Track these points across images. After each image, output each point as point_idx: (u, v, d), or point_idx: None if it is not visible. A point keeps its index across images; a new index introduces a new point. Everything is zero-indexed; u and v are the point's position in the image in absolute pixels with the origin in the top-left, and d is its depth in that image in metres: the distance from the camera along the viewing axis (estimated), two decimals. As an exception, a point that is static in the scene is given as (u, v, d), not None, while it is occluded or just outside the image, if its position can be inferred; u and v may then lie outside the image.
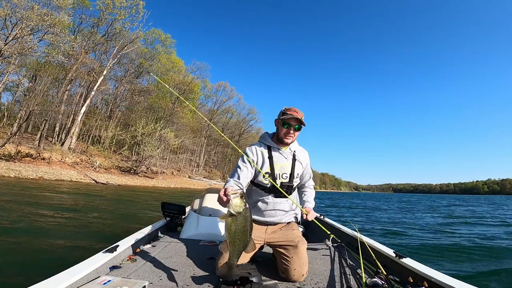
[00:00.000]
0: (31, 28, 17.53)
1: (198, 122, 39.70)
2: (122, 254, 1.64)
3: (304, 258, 1.51)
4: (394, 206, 17.53)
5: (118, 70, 30.17)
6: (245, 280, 1.26)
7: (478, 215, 11.81)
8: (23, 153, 16.14)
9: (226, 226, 1.19)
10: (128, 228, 4.30)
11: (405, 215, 11.11)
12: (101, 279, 1.27)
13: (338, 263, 1.78)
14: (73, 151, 20.01)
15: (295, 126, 1.68)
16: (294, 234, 1.65)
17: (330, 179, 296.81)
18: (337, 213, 11.86)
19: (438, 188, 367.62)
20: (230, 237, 1.19)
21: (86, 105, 21.52)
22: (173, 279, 1.40)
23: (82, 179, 15.95)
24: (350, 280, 1.44)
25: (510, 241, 5.40)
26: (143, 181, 22.38)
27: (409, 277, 1.42)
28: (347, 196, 52.54)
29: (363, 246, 1.96)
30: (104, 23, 25.86)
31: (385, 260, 1.74)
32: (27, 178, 13.48)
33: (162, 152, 26.84)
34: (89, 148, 23.13)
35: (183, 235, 2.38)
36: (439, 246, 4.66)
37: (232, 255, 1.22)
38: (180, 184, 27.15)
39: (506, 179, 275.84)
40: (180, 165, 36.48)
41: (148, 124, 23.79)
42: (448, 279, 1.28)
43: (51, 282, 1.10)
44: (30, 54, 18.95)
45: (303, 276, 1.48)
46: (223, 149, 47.27)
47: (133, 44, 26.92)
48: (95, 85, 22.27)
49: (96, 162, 19.54)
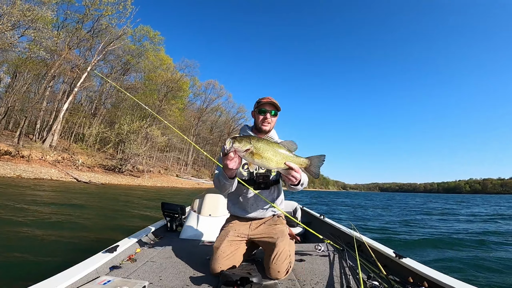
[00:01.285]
0: (12, 24, 17.03)
1: (186, 120, 39.46)
2: (122, 254, 1.65)
3: (283, 254, 1.45)
4: (377, 204, 18.29)
5: (104, 67, 29.71)
6: (245, 280, 1.26)
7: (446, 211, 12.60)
8: (1, 150, 15.71)
9: (262, 161, 1.22)
10: (108, 228, 4.30)
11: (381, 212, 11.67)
12: (101, 279, 1.27)
13: (338, 263, 1.76)
14: (54, 148, 19.57)
15: (271, 112, 1.69)
16: (276, 229, 1.64)
17: (319, 178, 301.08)
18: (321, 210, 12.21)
19: (422, 187, 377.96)
20: (274, 158, 1.23)
21: (69, 101, 21.06)
22: (173, 279, 1.40)
23: (63, 177, 15.66)
24: (350, 280, 1.43)
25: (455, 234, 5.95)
26: (129, 179, 22.11)
27: (409, 277, 1.40)
28: (334, 195, 53.53)
29: (363, 246, 1.97)
30: (90, 19, 25.34)
31: (385, 260, 1.73)
32: (4, 176, 13.17)
33: (148, 151, 26.59)
34: (72, 146, 22.66)
35: (183, 235, 2.38)
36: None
37: (292, 159, 1.29)
38: (167, 183, 26.99)
39: (487, 179, 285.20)
40: (167, 164, 36.20)
41: (133, 122, 23.49)
42: (448, 279, 1.28)
43: (51, 282, 1.11)
44: (11, 50, 18.39)
45: (279, 273, 1.43)
46: (212, 147, 47.15)
47: (120, 40, 26.50)
48: (78, 81, 21.83)
49: (78, 160, 19.19)
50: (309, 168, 1.34)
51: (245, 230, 1.68)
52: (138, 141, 23.10)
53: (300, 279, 1.48)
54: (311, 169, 1.34)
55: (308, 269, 1.63)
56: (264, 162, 1.21)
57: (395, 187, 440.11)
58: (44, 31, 18.56)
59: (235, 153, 1.21)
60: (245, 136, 1.22)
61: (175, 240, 2.28)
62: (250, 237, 1.66)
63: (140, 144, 23.45)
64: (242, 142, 1.18)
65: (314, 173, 1.33)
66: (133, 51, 31.22)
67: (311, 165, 1.33)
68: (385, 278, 1.42)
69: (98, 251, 1.58)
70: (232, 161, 1.26)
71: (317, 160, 1.33)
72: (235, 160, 1.26)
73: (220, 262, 1.47)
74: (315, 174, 1.33)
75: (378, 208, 14.91)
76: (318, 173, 1.32)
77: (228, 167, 1.28)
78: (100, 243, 2.96)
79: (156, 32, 33.41)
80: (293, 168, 1.27)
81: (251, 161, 1.22)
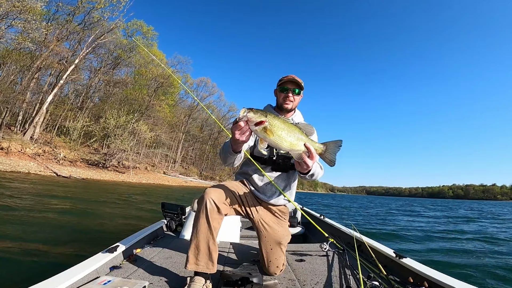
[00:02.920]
0: (0, 14, 16.68)
1: (176, 117, 39.29)
2: (122, 254, 1.65)
3: (279, 260, 1.49)
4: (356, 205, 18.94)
5: (94, 60, 29.28)
6: (245, 281, 1.26)
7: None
8: (-21, 141, 15.37)
9: (275, 140, 1.10)
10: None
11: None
12: (101, 279, 1.27)
13: (338, 264, 1.77)
14: (35, 141, 19.25)
15: (294, 90, 1.60)
16: (283, 226, 1.62)
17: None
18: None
19: (407, 191, 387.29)
20: (289, 138, 1.11)
21: (53, 93, 20.74)
22: (173, 279, 1.40)
23: (42, 171, 15.41)
24: (350, 280, 1.44)
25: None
26: (112, 175, 21.82)
27: (409, 277, 1.41)
28: (319, 196, 54.29)
29: (363, 246, 1.98)
30: (82, 11, 24.94)
31: (385, 260, 1.74)
32: (-21, 168, 12.91)
33: (135, 146, 26.43)
34: (55, 139, 22.30)
35: (183, 235, 2.38)
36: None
37: (307, 141, 1.15)
38: (153, 180, 26.66)
39: (470, 185, 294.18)
40: (155, 161, 35.96)
41: (120, 116, 23.22)
42: (448, 279, 1.28)
43: (51, 282, 1.11)
44: (-1, 41, 18.02)
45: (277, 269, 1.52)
46: (202, 145, 47.07)
47: (111, 34, 26.20)
48: (65, 74, 21.53)
49: (60, 153, 18.93)
50: (324, 155, 1.21)
51: (254, 210, 1.58)
52: (124, 136, 22.90)
53: (300, 279, 1.49)
54: (326, 156, 1.21)
55: (308, 269, 1.64)
56: (277, 140, 1.10)
57: (381, 191, 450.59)
58: (32, 22, 18.27)
59: (246, 124, 1.11)
60: (261, 110, 1.11)
61: (175, 240, 2.27)
62: (253, 216, 1.57)
63: (126, 139, 23.26)
64: (258, 113, 1.08)
65: (329, 160, 1.22)
66: (125, 45, 30.93)
67: (326, 151, 1.21)
68: (385, 278, 1.42)
69: (101, 251, 1.58)
70: (241, 131, 1.14)
71: (334, 145, 1.21)
72: (245, 132, 1.14)
73: (211, 192, 1.36)
74: (331, 161, 1.21)
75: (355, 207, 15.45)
76: (334, 160, 1.21)
77: (235, 137, 1.17)
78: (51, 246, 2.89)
79: (149, 27, 33.21)
80: (309, 150, 1.14)
81: (263, 136, 1.10)
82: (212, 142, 49.96)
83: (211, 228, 1.31)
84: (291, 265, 1.74)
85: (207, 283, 1.27)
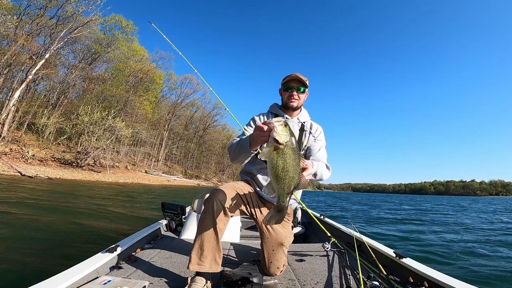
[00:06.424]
0: None
1: (159, 114, 38.59)
2: (122, 254, 1.65)
3: (281, 261, 1.50)
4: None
5: (70, 55, 28.22)
6: (245, 280, 1.25)
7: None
8: None
9: (271, 163, 1.00)
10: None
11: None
12: (101, 279, 1.27)
13: (338, 264, 1.77)
14: (2, 139, 18.39)
15: (299, 88, 1.60)
16: (286, 227, 1.59)
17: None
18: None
19: (391, 188, 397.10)
20: (278, 174, 0.99)
21: (21, 89, 19.86)
22: (173, 279, 1.40)
23: (6, 171, 14.70)
24: (350, 280, 1.44)
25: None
26: (86, 174, 21.06)
27: (409, 277, 1.41)
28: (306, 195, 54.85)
29: (363, 246, 1.98)
30: (55, 5, 23.91)
31: (385, 260, 1.74)
32: None
33: (114, 144, 25.72)
34: (23, 137, 21.39)
35: (183, 235, 2.38)
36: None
37: (281, 195, 1.03)
38: (132, 179, 25.90)
39: (450, 181, 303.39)
40: (136, 159, 35.24)
41: (94, 112, 22.41)
42: (448, 279, 1.28)
43: (51, 282, 1.11)
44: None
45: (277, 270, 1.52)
46: (186, 144, 46.51)
47: (86, 28, 25.31)
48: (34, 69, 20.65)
49: (28, 152, 18.18)
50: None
51: (259, 203, 1.57)
52: (99, 134, 22.21)
53: (300, 279, 1.49)
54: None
55: (308, 269, 1.64)
56: (275, 164, 0.98)
57: (366, 187, 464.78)
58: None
59: (268, 131, 1.01)
60: (291, 132, 1.00)
61: (175, 240, 2.27)
62: (257, 217, 1.55)
63: (102, 137, 22.58)
64: (284, 132, 0.96)
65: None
66: (102, 40, 29.98)
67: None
68: (385, 278, 1.42)
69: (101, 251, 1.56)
70: (261, 133, 1.06)
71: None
72: (263, 137, 1.07)
73: (218, 193, 1.35)
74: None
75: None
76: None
77: (254, 137, 1.15)
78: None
79: (129, 21, 32.36)
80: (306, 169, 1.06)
81: (266, 152, 1.01)
82: (197, 140, 49.41)
83: (216, 230, 1.30)
84: (291, 265, 1.74)
85: (207, 283, 1.27)
